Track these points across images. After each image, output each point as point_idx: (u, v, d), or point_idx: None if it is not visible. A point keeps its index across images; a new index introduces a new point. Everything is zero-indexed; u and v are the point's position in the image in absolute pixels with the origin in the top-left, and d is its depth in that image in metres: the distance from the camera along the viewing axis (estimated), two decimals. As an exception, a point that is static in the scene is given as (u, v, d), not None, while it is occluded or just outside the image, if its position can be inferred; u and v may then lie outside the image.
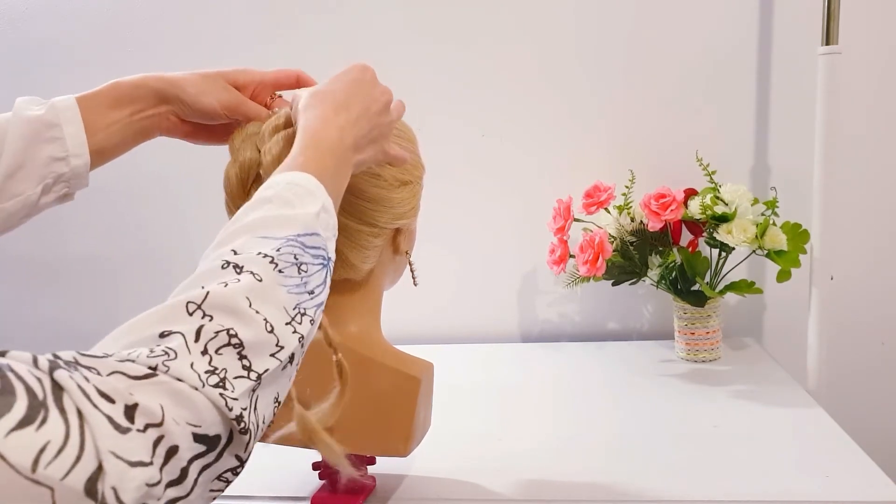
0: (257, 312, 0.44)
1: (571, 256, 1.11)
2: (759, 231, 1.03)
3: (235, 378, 0.42)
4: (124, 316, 0.44)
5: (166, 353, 0.40)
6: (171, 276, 1.42)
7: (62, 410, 0.34)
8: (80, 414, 0.35)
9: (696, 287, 1.09)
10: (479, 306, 1.31)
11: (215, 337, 0.42)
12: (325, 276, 0.51)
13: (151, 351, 0.40)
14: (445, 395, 0.79)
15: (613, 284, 1.16)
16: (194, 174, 1.33)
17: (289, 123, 0.63)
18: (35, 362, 0.35)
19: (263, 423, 0.44)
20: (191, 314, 0.42)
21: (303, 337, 0.47)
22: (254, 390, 0.43)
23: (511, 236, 1.28)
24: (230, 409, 0.40)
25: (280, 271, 0.47)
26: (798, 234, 1.07)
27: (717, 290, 1.08)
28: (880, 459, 0.77)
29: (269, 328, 0.44)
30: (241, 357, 0.42)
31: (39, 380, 0.35)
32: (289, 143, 0.60)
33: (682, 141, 1.21)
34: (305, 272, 0.49)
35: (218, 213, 0.65)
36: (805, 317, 1.07)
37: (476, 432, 0.91)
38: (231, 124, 0.69)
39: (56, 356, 0.37)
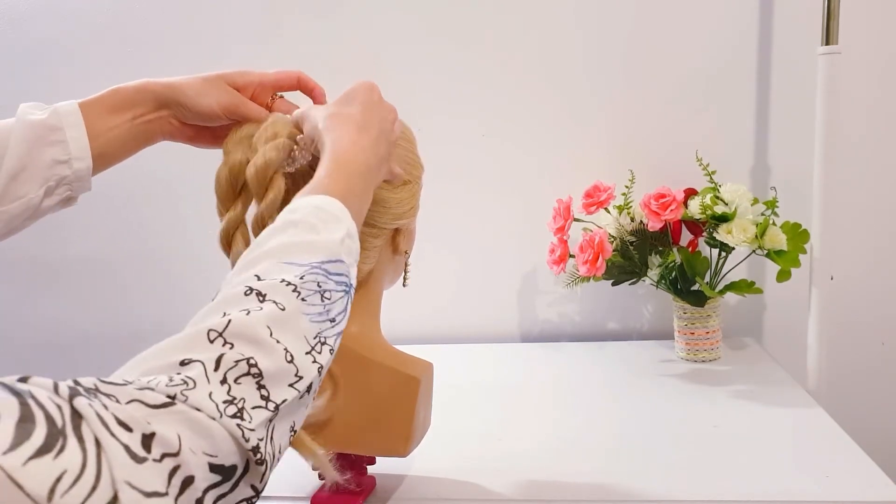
0: (278, 342, 0.44)
1: (571, 256, 1.11)
2: (759, 231, 1.03)
3: (253, 408, 0.42)
4: (124, 316, 0.44)
5: (185, 382, 0.40)
6: (172, 276, 1.43)
7: (80, 439, 0.34)
8: (97, 443, 0.35)
9: (696, 287, 1.09)
10: (479, 306, 1.31)
11: (235, 366, 0.42)
12: (347, 304, 0.51)
13: (171, 379, 0.40)
14: (445, 395, 0.79)
15: (613, 284, 1.16)
16: (195, 175, 1.33)
17: (287, 133, 0.63)
18: (56, 389, 0.36)
19: (280, 452, 0.45)
20: (212, 342, 0.43)
21: (322, 367, 0.47)
22: (271, 420, 0.43)
23: (511, 236, 1.28)
24: (247, 440, 0.41)
25: (303, 300, 0.47)
26: (798, 234, 1.07)
27: (717, 290, 1.08)
28: (880, 459, 0.77)
29: (290, 358, 0.45)
30: (260, 387, 0.43)
31: (59, 407, 0.35)
32: (282, 152, 0.61)
33: (682, 141, 1.21)
34: (329, 300, 0.49)
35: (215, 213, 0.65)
36: (805, 317, 1.07)
37: (476, 432, 0.91)
38: (233, 126, 0.69)
39: (77, 382, 0.37)
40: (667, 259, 1.09)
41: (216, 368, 0.42)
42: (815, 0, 1.03)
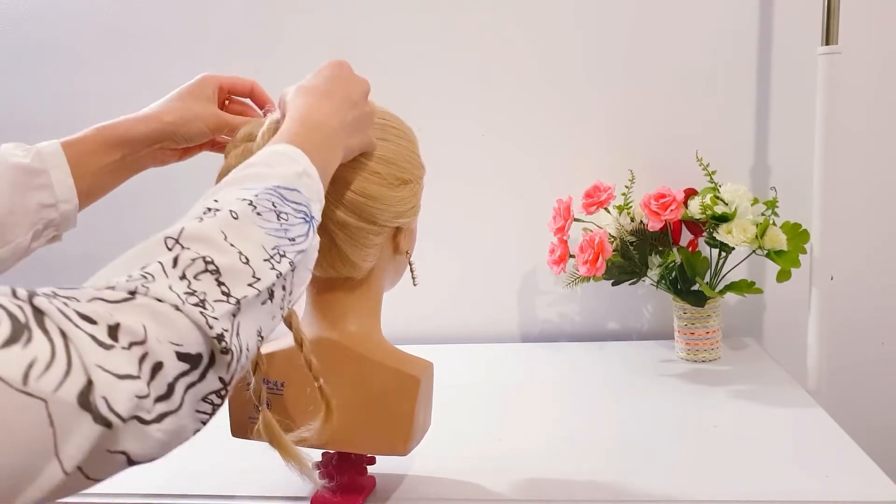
0: (232, 245, 0.45)
1: (571, 256, 1.11)
2: (759, 231, 1.03)
3: (215, 301, 0.42)
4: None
5: (144, 276, 0.41)
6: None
7: (45, 331, 0.35)
8: (63, 334, 0.36)
9: (696, 287, 1.09)
10: (479, 306, 1.31)
11: (192, 264, 0.43)
12: (309, 231, 0.52)
13: (130, 277, 0.41)
14: (445, 395, 0.79)
15: (613, 284, 1.16)
16: (195, 174, 1.32)
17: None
18: (14, 293, 0.36)
19: (248, 350, 0.45)
20: (169, 249, 0.43)
21: (281, 274, 0.48)
22: (234, 315, 0.43)
23: (511, 236, 1.28)
24: (211, 328, 0.41)
25: (258, 214, 0.48)
26: (798, 234, 1.07)
27: (717, 290, 1.08)
28: (880, 459, 0.77)
29: (244, 260, 0.45)
30: (220, 283, 0.43)
31: (20, 307, 0.35)
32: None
33: (682, 141, 1.21)
34: (285, 220, 0.50)
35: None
36: (805, 317, 1.07)
37: (476, 432, 0.91)
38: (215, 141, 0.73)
39: (35, 289, 0.37)
40: (667, 259, 1.09)
41: (174, 266, 0.42)
42: (815, 0, 1.03)
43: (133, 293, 0.40)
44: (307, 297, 0.73)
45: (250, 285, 0.45)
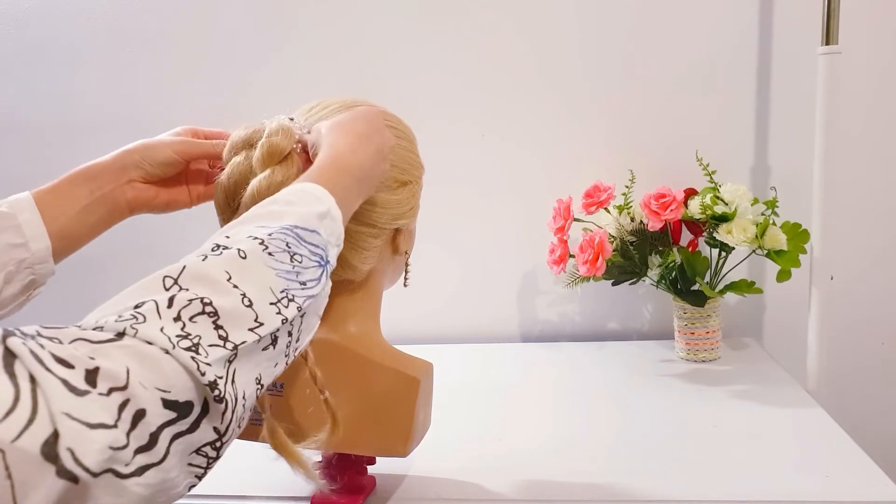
0: (235, 287, 0.43)
1: (571, 256, 1.11)
2: (759, 231, 1.03)
3: (210, 346, 0.40)
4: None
5: (135, 317, 0.39)
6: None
7: (12, 375, 0.33)
8: (32, 379, 0.33)
9: (696, 287, 1.09)
10: (479, 306, 1.31)
11: (189, 305, 0.40)
12: (322, 276, 0.50)
13: (120, 316, 0.39)
14: (445, 396, 0.79)
15: (613, 284, 1.16)
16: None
17: (279, 153, 0.62)
18: None
19: (244, 399, 0.43)
20: (167, 289, 0.41)
21: (287, 320, 0.45)
22: (230, 361, 0.41)
23: (511, 236, 1.28)
24: (203, 374, 0.39)
25: (269, 254, 0.46)
26: (798, 234, 1.07)
27: (717, 290, 1.08)
28: (880, 459, 0.77)
29: (248, 303, 0.43)
30: (217, 327, 0.41)
31: None
32: (280, 174, 0.61)
33: (682, 141, 1.21)
34: (298, 262, 0.47)
35: (213, 213, 0.65)
36: (805, 317, 1.07)
37: (476, 432, 0.91)
38: (191, 177, 0.73)
39: (15, 329, 0.35)
40: (667, 259, 1.09)
41: (169, 306, 0.40)
42: (815, 0, 1.02)
43: (121, 334, 0.37)
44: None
45: (251, 330, 0.43)
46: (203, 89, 1.31)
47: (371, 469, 0.76)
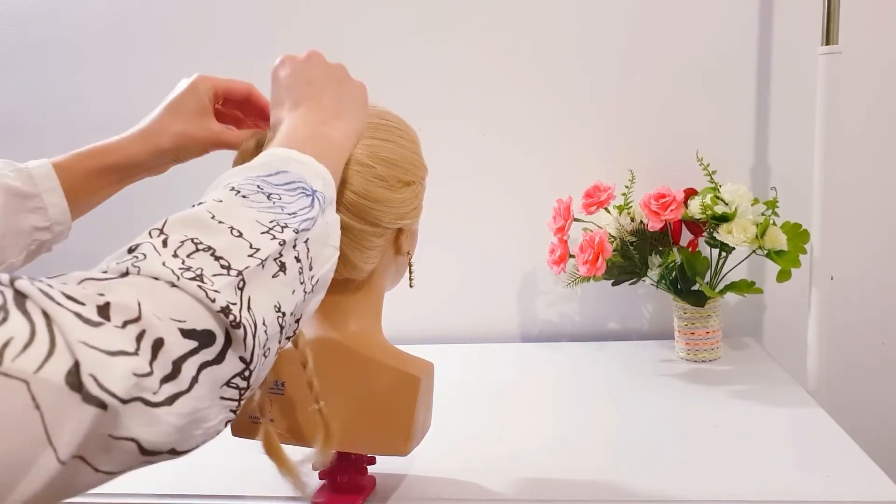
0: (221, 223, 0.43)
1: (571, 256, 1.11)
2: (759, 231, 1.03)
3: (214, 276, 0.40)
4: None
5: (135, 256, 0.39)
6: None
7: (25, 312, 0.32)
8: (45, 314, 0.33)
9: (696, 287, 1.09)
10: (479, 306, 1.31)
11: (182, 245, 0.40)
12: (313, 203, 0.49)
13: (120, 259, 0.39)
14: (445, 395, 0.79)
15: (613, 284, 1.16)
16: (193, 172, 1.33)
17: None
18: None
19: (265, 326, 0.42)
20: (155, 237, 0.41)
21: (284, 242, 0.45)
22: (240, 288, 0.41)
23: (511, 236, 1.28)
24: (213, 301, 0.38)
25: (244, 196, 0.46)
26: (798, 234, 1.07)
27: (717, 290, 1.08)
28: (880, 459, 0.77)
29: (237, 234, 0.43)
30: (216, 258, 0.41)
31: (1, 292, 0.33)
32: None
33: (682, 141, 1.21)
34: (277, 199, 0.47)
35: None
36: (805, 317, 1.07)
37: (476, 432, 0.91)
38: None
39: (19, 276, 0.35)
40: (667, 259, 1.09)
41: (164, 246, 0.40)
42: (815, 0, 1.03)
43: (125, 273, 0.37)
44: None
45: (250, 256, 0.42)
46: (203, 89, 1.31)
47: (371, 469, 0.76)
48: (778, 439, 0.85)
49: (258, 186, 0.47)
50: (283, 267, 0.44)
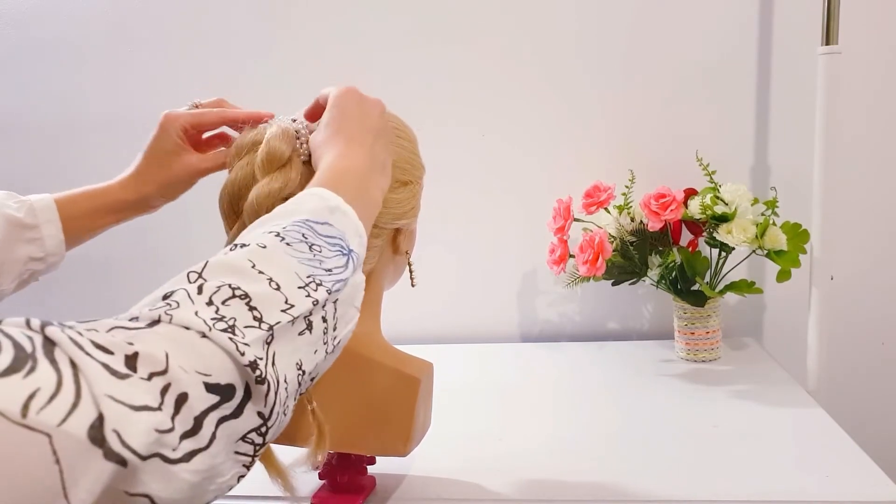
0: (261, 273, 0.43)
1: (571, 256, 1.11)
2: (759, 231, 1.03)
3: (246, 327, 0.40)
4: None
5: (168, 304, 0.39)
6: (167, 275, 1.42)
7: (53, 361, 0.32)
8: (73, 364, 0.33)
9: (696, 287, 1.09)
10: (479, 306, 1.31)
11: (218, 291, 0.40)
12: (348, 263, 0.49)
13: (153, 306, 0.39)
14: (445, 396, 0.79)
15: (613, 284, 1.16)
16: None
17: (279, 158, 0.62)
18: (28, 323, 0.34)
19: (286, 384, 0.42)
20: (193, 282, 0.41)
21: (318, 302, 0.45)
22: (268, 343, 0.41)
23: (511, 236, 1.28)
24: (242, 354, 0.38)
25: (288, 244, 0.46)
26: (798, 234, 1.07)
27: (717, 290, 1.08)
28: (880, 459, 0.77)
29: (276, 286, 0.43)
30: (251, 308, 0.41)
31: (30, 337, 0.33)
32: (278, 181, 0.61)
33: (682, 141, 1.21)
34: (318, 251, 0.47)
35: (215, 212, 0.65)
36: (805, 317, 1.07)
37: (476, 432, 0.90)
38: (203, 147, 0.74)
39: (52, 320, 0.36)
40: (667, 259, 1.09)
41: (199, 293, 0.40)
42: (815, 0, 1.03)
43: (156, 322, 0.37)
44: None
45: (284, 311, 0.42)
46: (203, 88, 1.31)
47: (371, 469, 0.76)
48: (778, 439, 0.85)
49: (303, 235, 0.47)
50: (310, 325, 0.45)
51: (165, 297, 0.40)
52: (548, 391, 1.06)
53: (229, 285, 0.41)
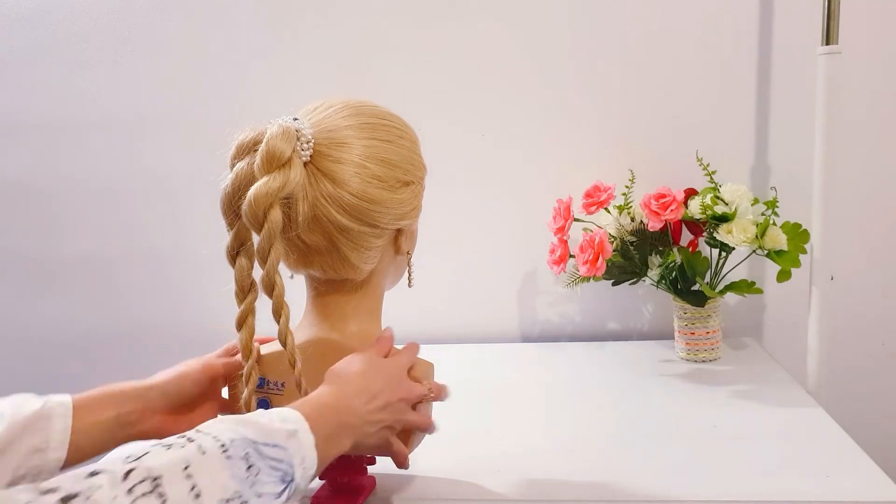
0: (189, 477, 0.46)
1: (571, 256, 1.11)
2: (759, 231, 1.03)
3: None
4: (120, 315, 0.44)
5: (92, 485, 0.42)
6: (167, 275, 1.43)
7: None
8: None
9: (696, 287, 1.09)
10: (479, 306, 1.31)
11: (142, 482, 0.43)
12: (284, 492, 0.51)
13: (77, 480, 0.41)
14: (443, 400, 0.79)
15: (613, 284, 1.16)
16: (191, 174, 1.33)
17: (279, 158, 0.62)
18: None
19: None
20: (126, 462, 0.44)
21: None
22: None
23: (511, 236, 1.28)
24: None
25: (228, 457, 0.48)
26: (798, 234, 1.07)
27: (717, 290, 1.08)
28: (880, 459, 0.77)
29: (196, 493, 0.45)
30: None
31: None
32: (277, 181, 0.60)
33: (682, 141, 1.21)
34: (255, 474, 0.49)
35: (215, 212, 0.65)
36: (805, 317, 1.07)
37: (476, 432, 0.91)
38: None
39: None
40: (667, 259, 1.09)
41: (125, 478, 0.43)
42: (815, 0, 1.03)
43: (74, 496, 0.40)
44: (308, 298, 0.73)
45: None
46: (203, 88, 1.31)
47: (371, 469, 0.76)
48: (778, 439, 0.85)
49: (246, 454, 0.50)
50: None
51: (93, 474, 0.43)
52: (548, 391, 1.06)
53: (153, 479, 0.44)
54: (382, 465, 0.77)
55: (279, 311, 0.63)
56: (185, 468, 0.46)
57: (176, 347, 1.37)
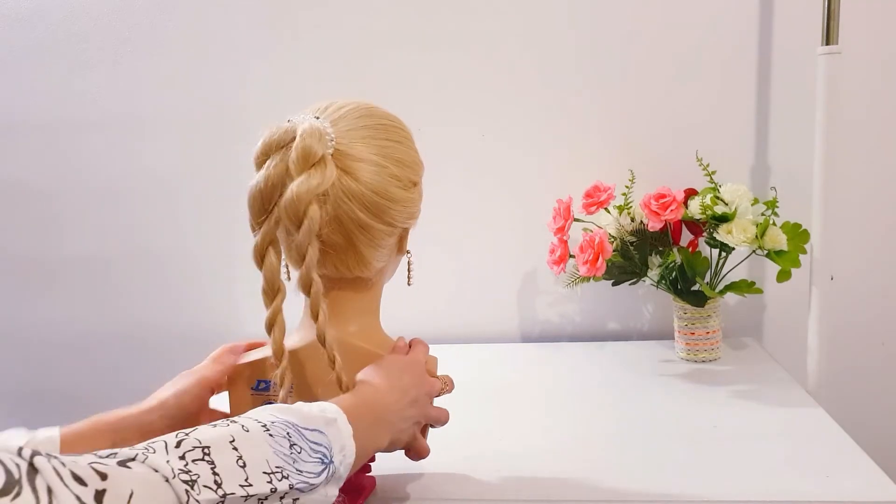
0: (235, 449, 0.48)
1: (571, 256, 1.11)
2: (759, 231, 1.03)
3: (205, 486, 0.45)
4: (120, 315, 0.45)
5: (147, 448, 0.45)
6: (168, 275, 1.43)
7: (34, 489, 0.37)
8: (49, 491, 0.38)
9: (696, 287, 1.09)
10: (479, 306, 1.31)
11: (192, 450, 0.46)
12: (323, 473, 0.53)
13: (133, 447, 0.44)
14: (446, 396, 0.79)
15: (613, 284, 1.16)
16: (192, 174, 1.33)
17: (313, 156, 0.62)
18: (19, 451, 0.39)
19: None
20: (176, 436, 0.47)
21: (276, 490, 0.49)
22: None
23: (511, 236, 1.28)
24: None
25: (270, 435, 0.50)
26: (798, 234, 1.07)
27: (717, 290, 1.08)
28: (880, 459, 0.77)
29: (242, 464, 0.47)
30: (214, 473, 0.46)
31: (18, 465, 0.38)
32: (316, 178, 0.61)
33: (682, 141, 1.21)
34: (297, 452, 0.51)
35: (215, 213, 0.65)
36: (805, 317, 1.07)
37: (476, 432, 0.91)
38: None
39: (43, 451, 0.41)
40: (667, 259, 1.09)
41: (177, 446, 0.46)
42: (814, 0, 1.03)
43: (132, 459, 0.43)
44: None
45: (241, 486, 0.47)
46: (203, 88, 1.31)
47: (371, 469, 0.76)
48: (778, 439, 0.85)
49: (287, 434, 0.52)
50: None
51: (147, 446, 0.46)
52: (548, 391, 1.06)
53: (203, 448, 0.47)
54: (382, 465, 0.77)
55: (317, 310, 0.63)
56: (231, 441, 0.48)
57: (176, 347, 1.37)
